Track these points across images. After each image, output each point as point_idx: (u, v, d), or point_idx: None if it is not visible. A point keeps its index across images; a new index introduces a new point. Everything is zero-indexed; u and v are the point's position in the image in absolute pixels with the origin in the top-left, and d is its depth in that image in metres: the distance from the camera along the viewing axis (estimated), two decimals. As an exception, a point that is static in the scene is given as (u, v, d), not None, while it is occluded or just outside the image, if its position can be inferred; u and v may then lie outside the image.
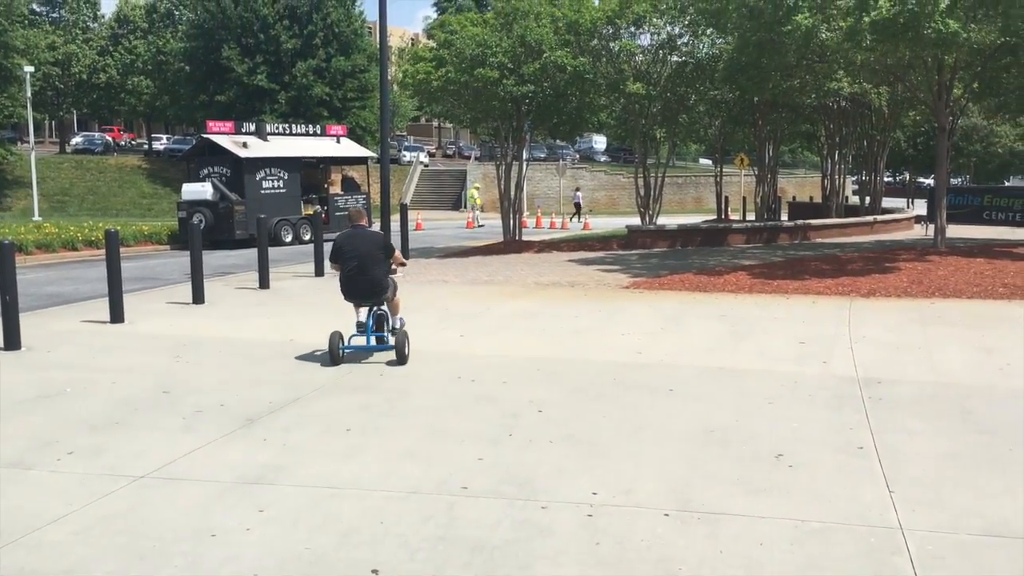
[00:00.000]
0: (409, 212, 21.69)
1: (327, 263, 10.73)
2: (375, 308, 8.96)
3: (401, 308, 9.30)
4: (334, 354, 8.56)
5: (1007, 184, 48.99)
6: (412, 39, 72.00)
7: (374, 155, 30.95)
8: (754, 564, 4.16)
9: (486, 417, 6.64)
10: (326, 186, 29.18)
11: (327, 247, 10.94)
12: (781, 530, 4.52)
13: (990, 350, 8.83)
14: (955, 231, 20.02)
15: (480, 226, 34.57)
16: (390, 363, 8.60)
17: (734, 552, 4.28)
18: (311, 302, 13.04)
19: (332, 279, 15.58)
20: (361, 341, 8.94)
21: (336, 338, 8.62)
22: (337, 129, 31.54)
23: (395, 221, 18.79)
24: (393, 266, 9.11)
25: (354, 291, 8.88)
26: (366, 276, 8.72)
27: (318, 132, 30.66)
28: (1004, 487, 5.07)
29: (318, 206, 27.07)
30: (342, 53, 50.44)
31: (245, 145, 26.29)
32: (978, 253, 16.46)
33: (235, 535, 4.55)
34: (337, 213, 28.05)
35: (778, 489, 5.09)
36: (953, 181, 49.33)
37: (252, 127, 28.12)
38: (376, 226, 18.19)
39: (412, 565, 4.19)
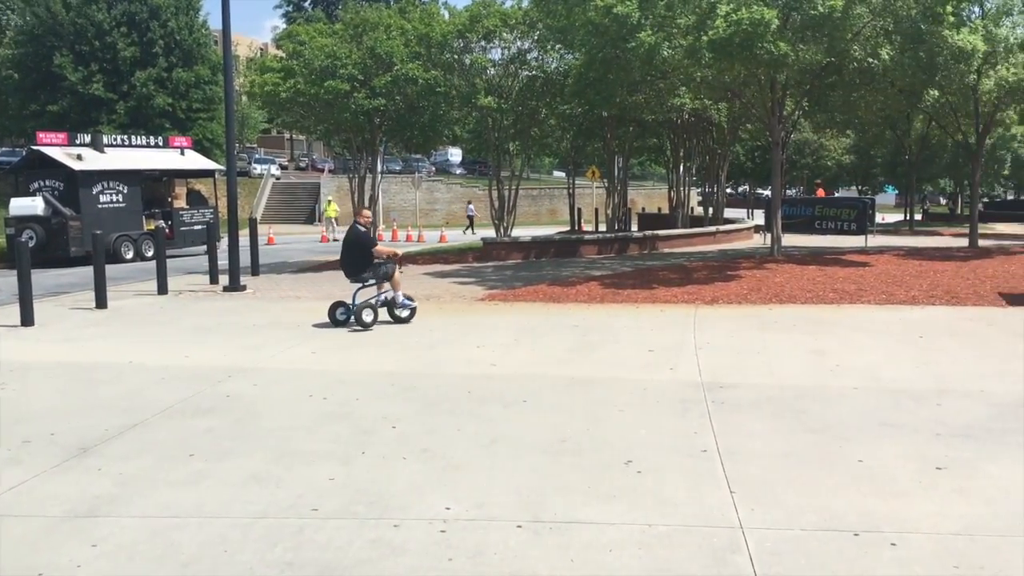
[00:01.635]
0: (261, 226, 21.11)
1: None
2: (364, 287, 11.50)
3: (402, 286, 11.85)
4: (332, 319, 11.32)
5: (836, 195, 52.21)
6: (260, 49, 70.26)
7: (222, 168, 29.98)
8: (604, 570, 4.23)
9: (338, 435, 6.51)
10: (170, 200, 28.02)
11: (171, 264, 10.65)
12: (630, 535, 4.61)
13: (822, 352, 9.36)
14: (790, 240, 21.18)
15: (335, 240, 34.02)
16: (352, 330, 11.01)
17: (585, 560, 4.34)
18: (153, 321, 12.45)
19: (176, 298, 14.98)
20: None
21: (332, 307, 11.43)
22: (181, 141, 30.33)
23: (244, 236, 18.24)
24: (382, 257, 11.56)
25: (342, 270, 11.77)
26: (345, 261, 11.61)
27: (160, 144, 29.39)
28: (835, 483, 5.36)
29: (161, 221, 25.95)
30: (185, 63, 48.66)
31: (80, 157, 24.90)
32: (811, 261, 17.45)
33: (65, 572, 4.26)
34: (183, 228, 26.98)
35: (627, 495, 5.20)
36: (788, 193, 52.24)
37: (87, 138, 26.65)
38: (223, 242, 17.67)
39: (258, 594, 4.04)
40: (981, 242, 21.28)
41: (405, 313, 11.63)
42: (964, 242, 21.48)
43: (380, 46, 19.22)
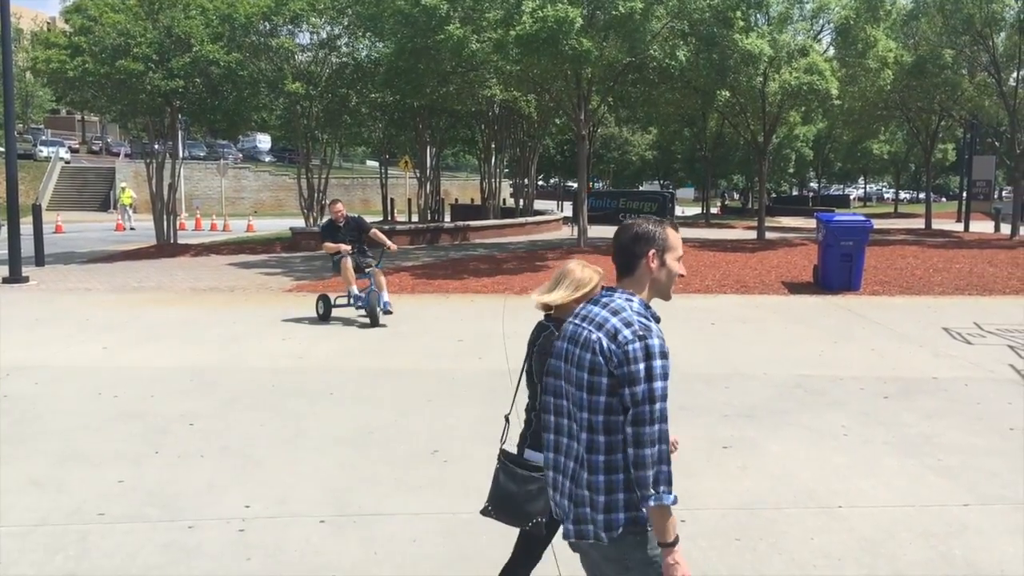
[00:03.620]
0: (48, 213, 19.64)
1: None
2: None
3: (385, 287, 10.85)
4: (319, 312, 10.94)
5: (640, 188, 54.59)
6: (47, 23, 65.18)
7: (0, 149, 27.62)
8: (407, 561, 4.23)
9: (130, 435, 6.15)
10: (-61, 184, 25.51)
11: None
12: (434, 524, 4.63)
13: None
14: (596, 231, 21.91)
15: (132, 229, 32.10)
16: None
17: (389, 551, 4.32)
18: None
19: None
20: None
21: (319, 299, 11.10)
22: (-47, 119, 27.65)
23: (27, 224, 16.87)
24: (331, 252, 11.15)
25: None
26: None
27: (-73, 122, 26.67)
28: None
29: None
30: (-41, 33, 44.46)
31: None
32: (615, 251, 18.11)
33: None
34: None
35: (433, 485, 5.22)
36: (596, 186, 54.12)
37: None
38: (2, 231, 16.30)
39: (34, 609, 3.75)
40: (768, 235, 22.79)
41: (358, 311, 11.04)
42: (753, 235, 22.97)
43: (178, 25, 18.26)
